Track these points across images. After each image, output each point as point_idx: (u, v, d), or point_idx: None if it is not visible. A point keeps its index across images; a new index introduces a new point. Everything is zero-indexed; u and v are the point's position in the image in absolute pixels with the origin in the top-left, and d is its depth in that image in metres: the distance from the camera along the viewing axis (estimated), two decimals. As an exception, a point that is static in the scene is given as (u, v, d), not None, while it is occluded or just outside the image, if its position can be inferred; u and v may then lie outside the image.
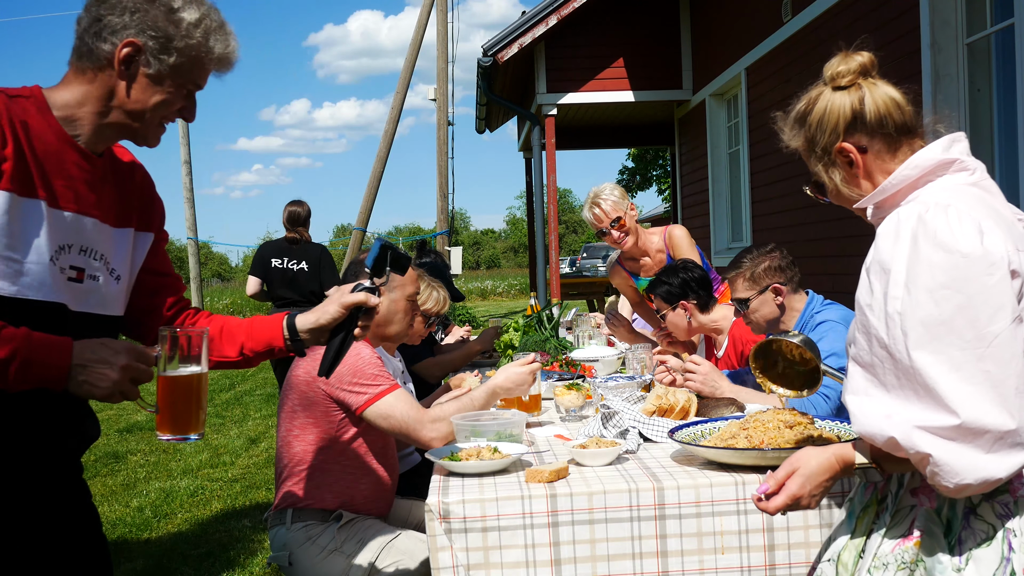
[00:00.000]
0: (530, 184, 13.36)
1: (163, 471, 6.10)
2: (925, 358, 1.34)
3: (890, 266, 1.41)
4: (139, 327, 1.84)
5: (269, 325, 1.87)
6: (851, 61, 1.57)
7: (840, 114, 1.56)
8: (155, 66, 1.58)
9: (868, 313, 1.44)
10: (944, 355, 1.34)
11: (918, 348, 1.35)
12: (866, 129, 1.56)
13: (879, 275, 1.43)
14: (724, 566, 1.98)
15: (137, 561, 4.24)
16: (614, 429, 2.42)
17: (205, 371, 1.61)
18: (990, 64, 4.84)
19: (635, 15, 10.12)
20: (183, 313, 1.89)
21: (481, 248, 76.09)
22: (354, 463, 2.53)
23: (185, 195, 20.57)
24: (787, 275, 2.85)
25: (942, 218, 1.39)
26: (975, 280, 1.34)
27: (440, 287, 3.50)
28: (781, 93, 7.38)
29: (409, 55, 15.70)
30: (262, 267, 6.42)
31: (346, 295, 1.81)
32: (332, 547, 2.46)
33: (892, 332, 1.38)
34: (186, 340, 1.58)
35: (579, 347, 4.20)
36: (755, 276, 2.83)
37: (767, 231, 7.91)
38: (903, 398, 1.37)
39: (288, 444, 2.54)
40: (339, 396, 2.45)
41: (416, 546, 2.48)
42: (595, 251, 26.99)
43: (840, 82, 1.58)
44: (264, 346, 1.86)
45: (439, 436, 2.43)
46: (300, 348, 1.86)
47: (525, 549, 1.95)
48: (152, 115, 1.63)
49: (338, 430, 2.50)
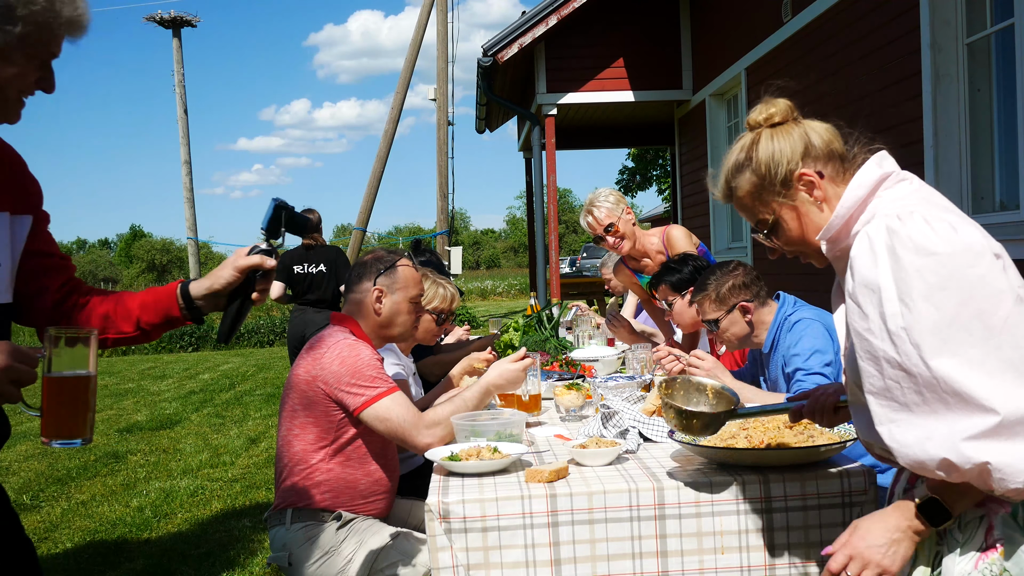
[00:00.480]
0: (530, 184, 13.36)
1: (163, 471, 6.10)
2: (945, 363, 1.31)
3: (878, 284, 1.38)
4: (30, 312, 1.78)
5: (164, 295, 1.79)
6: (777, 103, 1.62)
7: (792, 145, 1.59)
8: (1, 39, 1.51)
9: (870, 337, 1.39)
10: (962, 355, 1.31)
11: (935, 356, 1.32)
12: (818, 156, 1.59)
13: (868, 296, 1.40)
14: (724, 566, 1.98)
15: (137, 561, 4.24)
16: (614, 429, 2.42)
17: (93, 373, 1.53)
18: (990, 64, 4.84)
19: (635, 15, 10.12)
20: (74, 295, 1.81)
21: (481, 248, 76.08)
22: (354, 463, 2.53)
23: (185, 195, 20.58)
24: (753, 291, 2.84)
25: (912, 224, 1.38)
26: (965, 274, 1.33)
27: (447, 283, 3.49)
28: (781, 93, 7.38)
29: (409, 55, 15.70)
30: (285, 273, 6.86)
31: (241, 258, 1.74)
32: (331, 547, 2.46)
33: (902, 348, 1.35)
34: (73, 340, 1.51)
35: (579, 347, 4.20)
36: (721, 296, 2.83)
37: (767, 231, 7.91)
38: (933, 413, 1.33)
39: (288, 443, 2.54)
40: (337, 396, 2.45)
41: (416, 546, 2.48)
42: (595, 251, 26.97)
43: (775, 119, 1.61)
44: (161, 317, 1.79)
45: (435, 440, 2.43)
46: (198, 316, 1.79)
47: (525, 549, 1.95)
48: (7, 90, 1.56)
49: (338, 430, 2.50)
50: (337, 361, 2.45)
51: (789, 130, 1.61)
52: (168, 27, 21.25)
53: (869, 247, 1.41)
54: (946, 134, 4.91)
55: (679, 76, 10.24)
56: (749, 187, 1.62)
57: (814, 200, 1.58)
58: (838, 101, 6.20)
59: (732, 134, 9.43)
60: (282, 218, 1.79)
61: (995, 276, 1.35)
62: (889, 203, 1.49)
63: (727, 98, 9.48)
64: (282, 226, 1.79)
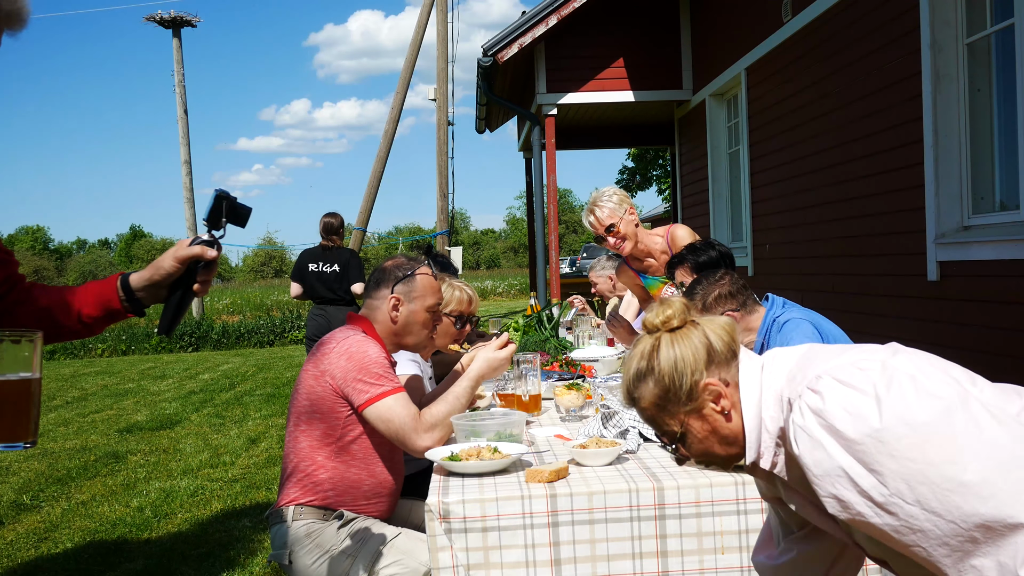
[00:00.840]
0: (530, 184, 13.36)
1: (163, 471, 6.10)
2: (951, 502, 1.26)
3: (841, 468, 1.32)
4: None
5: (105, 288, 1.75)
6: (673, 304, 1.55)
7: (694, 352, 1.51)
8: None
9: (873, 518, 1.32)
10: (961, 486, 1.26)
11: (937, 501, 1.27)
12: (720, 360, 1.51)
13: (841, 483, 1.33)
14: (724, 566, 1.98)
15: (137, 561, 4.24)
16: (614, 429, 2.42)
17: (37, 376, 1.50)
18: (990, 64, 4.84)
19: (635, 15, 10.11)
20: (15, 290, 1.77)
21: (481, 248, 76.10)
22: (359, 463, 2.54)
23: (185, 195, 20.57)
24: (739, 300, 2.84)
25: (830, 392, 1.35)
26: (910, 410, 1.30)
27: (463, 287, 3.44)
28: (781, 93, 7.39)
29: (409, 55, 15.70)
30: (300, 272, 7.24)
31: (182, 248, 1.71)
32: (332, 546, 2.46)
33: (905, 511, 1.29)
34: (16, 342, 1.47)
35: (579, 347, 4.20)
36: (707, 307, 2.82)
37: (767, 231, 7.91)
38: (969, 556, 1.27)
39: (295, 440, 2.56)
40: (344, 391, 2.47)
41: (416, 546, 2.48)
42: (595, 251, 26.98)
43: (673, 323, 1.54)
44: (101, 310, 1.75)
45: (433, 443, 2.44)
46: (139, 308, 1.75)
47: (525, 549, 1.96)
48: None
49: (344, 428, 2.51)
50: (345, 357, 2.47)
51: (689, 334, 1.53)
52: (168, 27, 21.24)
53: (809, 439, 1.35)
54: (946, 134, 4.91)
55: (679, 76, 10.24)
56: (653, 398, 1.53)
57: (721, 409, 1.50)
58: (838, 101, 6.20)
59: (732, 134, 9.43)
60: (223, 208, 1.75)
61: (931, 384, 1.32)
62: (787, 382, 1.45)
63: (727, 98, 9.47)
64: (223, 216, 1.75)
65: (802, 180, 6.98)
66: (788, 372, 1.47)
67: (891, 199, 5.46)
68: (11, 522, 5.02)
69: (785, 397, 1.45)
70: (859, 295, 6.01)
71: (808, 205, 6.86)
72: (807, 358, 1.48)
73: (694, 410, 1.51)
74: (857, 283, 6.04)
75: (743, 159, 8.57)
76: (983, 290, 4.58)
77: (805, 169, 6.90)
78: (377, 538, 2.48)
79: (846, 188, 6.12)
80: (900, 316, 5.42)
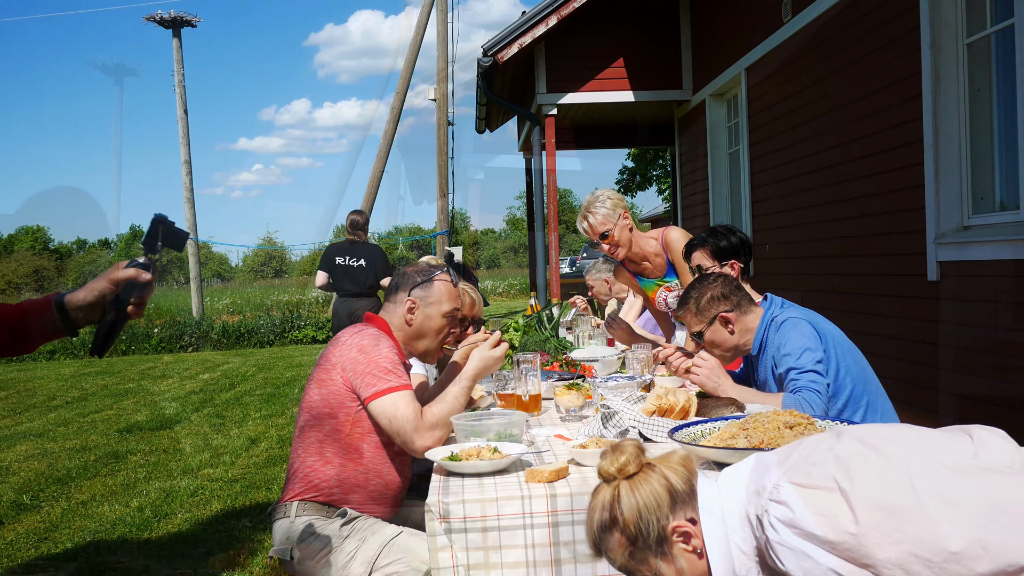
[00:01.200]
0: (530, 184, 13.35)
1: (163, 471, 6.10)
2: (954, 570, 1.28)
3: (833, 571, 1.33)
4: None
5: (40, 307, 1.76)
6: (625, 449, 1.53)
7: (656, 496, 1.48)
8: None
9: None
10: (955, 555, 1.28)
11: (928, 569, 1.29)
12: (682, 499, 1.50)
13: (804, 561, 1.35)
14: (724, 566, 1.98)
15: (137, 561, 4.24)
16: (614, 429, 2.42)
17: None
18: (990, 64, 4.84)
19: (635, 15, 10.12)
20: None
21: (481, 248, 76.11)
22: (366, 462, 2.55)
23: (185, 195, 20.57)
24: (733, 301, 2.83)
25: (794, 501, 1.36)
26: (874, 501, 1.32)
27: (471, 290, 3.54)
28: (781, 93, 7.39)
29: (409, 55, 15.71)
30: (328, 264, 7.78)
31: (116, 270, 1.73)
32: (335, 543, 2.47)
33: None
34: None
35: (579, 347, 4.19)
36: (701, 309, 2.83)
37: (767, 231, 7.91)
38: None
39: (303, 435, 2.58)
40: (353, 383, 2.49)
41: (418, 544, 2.48)
42: (595, 251, 26.97)
43: (629, 470, 1.51)
44: (36, 328, 1.75)
45: (433, 443, 2.45)
46: (72, 328, 1.75)
47: (525, 549, 1.96)
48: None
49: (353, 425, 2.52)
50: (357, 349, 2.52)
51: (648, 478, 1.50)
52: (168, 27, 21.22)
53: (791, 553, 1.35)
54: (946, 134, 4.91)
55: (679, 76, 10.24)
56: (622, 548, 1.50)
57: (692, 549, 1.49)
58: (838, 101, 6.20)
59: (732, 134, 9.43)
60: (159, 232, 1.80)
61: (886, 460, 1.34)
62: (748, 497, 1.45)
63: (727, 98, 9.47)
64: (159, 240, 1.79)
65: (802, 180, 6.98)
66: (745, 488, 1.47)
67: (891, 199, 5.46)
68: (11, 522, 5.02)
69: (752, 515, 1.44)
70: (859, 295, 6.01)
71: (808, 205, 6.86)
72: (759, 469, 1.48)
73: (664, 554, 1.49)
74: (857, 283, 6.04)
75: (743, 159, 8.58)
76: (983, 290, 4.58)
77: (805, 169, 6.90)
78: (379, 536, 2.48)
79: (846, 188, 6.12)
80: (900, 316, 5.42)
